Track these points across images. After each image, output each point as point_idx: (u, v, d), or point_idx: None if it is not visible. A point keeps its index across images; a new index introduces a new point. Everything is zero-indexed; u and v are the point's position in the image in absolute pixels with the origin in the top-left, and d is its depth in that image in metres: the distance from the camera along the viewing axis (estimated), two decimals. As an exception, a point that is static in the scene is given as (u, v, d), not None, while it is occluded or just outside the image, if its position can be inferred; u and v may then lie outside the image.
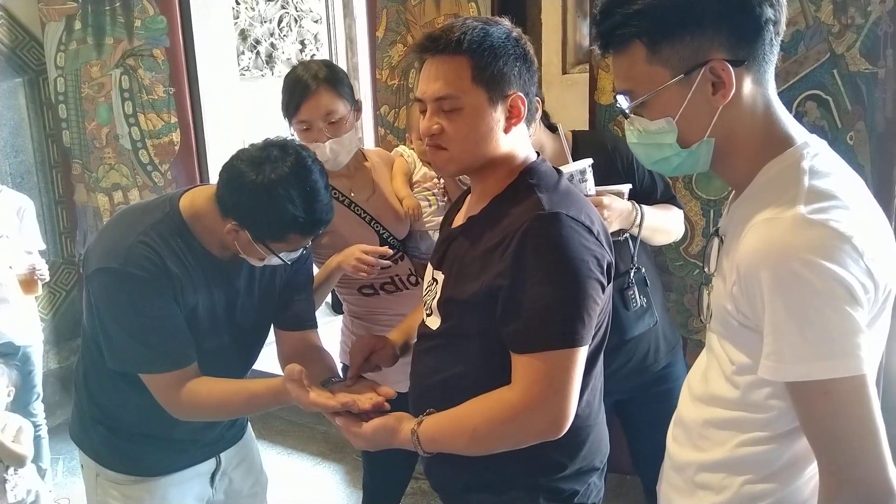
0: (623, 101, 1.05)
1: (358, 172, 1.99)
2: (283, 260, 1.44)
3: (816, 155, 0.99)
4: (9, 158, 3.78)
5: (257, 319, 1.58)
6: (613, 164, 1.79)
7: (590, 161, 1.64)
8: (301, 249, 1.47)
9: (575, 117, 2.40)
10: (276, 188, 1.32)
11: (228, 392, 1.43)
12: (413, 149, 2.20)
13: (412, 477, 2.19)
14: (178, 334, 1.40)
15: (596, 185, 1.66)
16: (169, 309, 1.39)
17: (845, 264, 0.88)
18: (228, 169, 1.38)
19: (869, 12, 2.02)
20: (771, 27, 0.97)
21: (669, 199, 1.91)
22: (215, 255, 1.47)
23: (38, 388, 3.00)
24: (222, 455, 1.67)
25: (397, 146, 2.34)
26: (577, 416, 1.20)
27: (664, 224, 1.83)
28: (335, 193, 1.90)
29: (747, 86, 0.98)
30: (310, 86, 1.78)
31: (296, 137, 1.80)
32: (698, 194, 2.36)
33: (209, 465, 1.65)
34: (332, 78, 1.81)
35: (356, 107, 1.89)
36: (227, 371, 1.48)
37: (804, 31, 2.07)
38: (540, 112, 1.72)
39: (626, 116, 1.06)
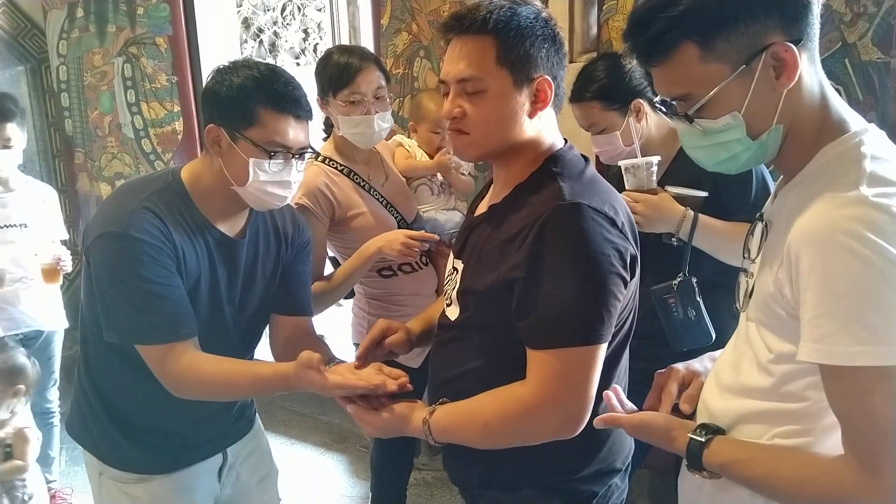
0: (663, 105, 1.01)
1: (373, 159, 2.07)
2: (268, 152, 1.35)
3: (875, 141, 0.96)
4: (11, 147, 3.76)
5: (259, 304, 1.55)
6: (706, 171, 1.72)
7: (657, 158, 1.68)
8: (291, 156, 1.38)
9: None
10: (239, 70, 1.37)
11: (233, 372, 1.38)
12: (415, 139, 2.21)
13: (416, 468, 2.20)
14: (179, 304, 1.36)
15: (679, 187, 1.67)
16: (171, 277, 1.34)
17: None
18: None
19: (881, 1, 2.00)
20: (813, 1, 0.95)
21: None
22: (217, 226, 1.45)
23: (56, 375, 3.01)
24: (229, 450, 1.63)
25: (395, 135, 2.34)
26: (596, 416, 1.16)
27: (730, 239, 1.66)
28: (356, 178, 1.98)
29: (805, 65, 0.96)
30: (360, 64, 1.89)
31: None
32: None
33: (215, 460, 1.61)
34: (375, 58, 1.97)
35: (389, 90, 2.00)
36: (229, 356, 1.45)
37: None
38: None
39: (690, 121, 1.00)
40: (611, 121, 1.81)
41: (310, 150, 1.44)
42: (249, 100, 1.34)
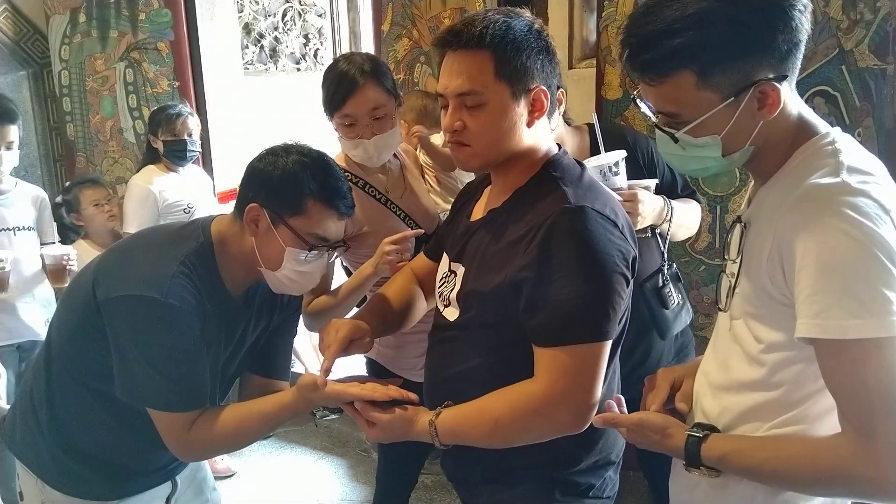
0: (649, 110, 1.06)
1: (392, 170, 1.96)
2: (309, 244, 1.33)
3: (843, 139, 1.03)
4: (13, 151, 3.78)
5: (239, 364, 1.53)
6: (634, 159, 1.74)
7: (623, 153, 1.61)
8: (326, 250, 1.37)
9: (581, 112, 2.38)
10: (291, 155, 1.35)
11: (237, 419, 1.36)
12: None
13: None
14: (205, 373, 1.34)
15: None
16: (201, 345, 1.32)
17: (884, 230, 0.92)
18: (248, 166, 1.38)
19: (878, 8, 2.02)
20: (804, 36, 1.00)
21: (689, 193, 1.88)
22: (230, 292, 1.41)
23: None
24: (178, 477, 1.58)
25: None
26: (598, 412, 1.19)
27: (687, 219, 1.79)
28: (372, 191, 1.86)
29: (786, 93, 1.01)
30: (356, 80, 1.73)
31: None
32: (705, 190, 2.36)
33: (165, 488, 1.56)
34: (377, 71, 1.77)
35: (398, 102, 1.84)
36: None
37: (813, 27, 2.06)
38: (563, 106, 1.66)
39: (675, 140, 1.05)
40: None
41: (342, 244, 1.42)
42: (301, 189, 1.32)
